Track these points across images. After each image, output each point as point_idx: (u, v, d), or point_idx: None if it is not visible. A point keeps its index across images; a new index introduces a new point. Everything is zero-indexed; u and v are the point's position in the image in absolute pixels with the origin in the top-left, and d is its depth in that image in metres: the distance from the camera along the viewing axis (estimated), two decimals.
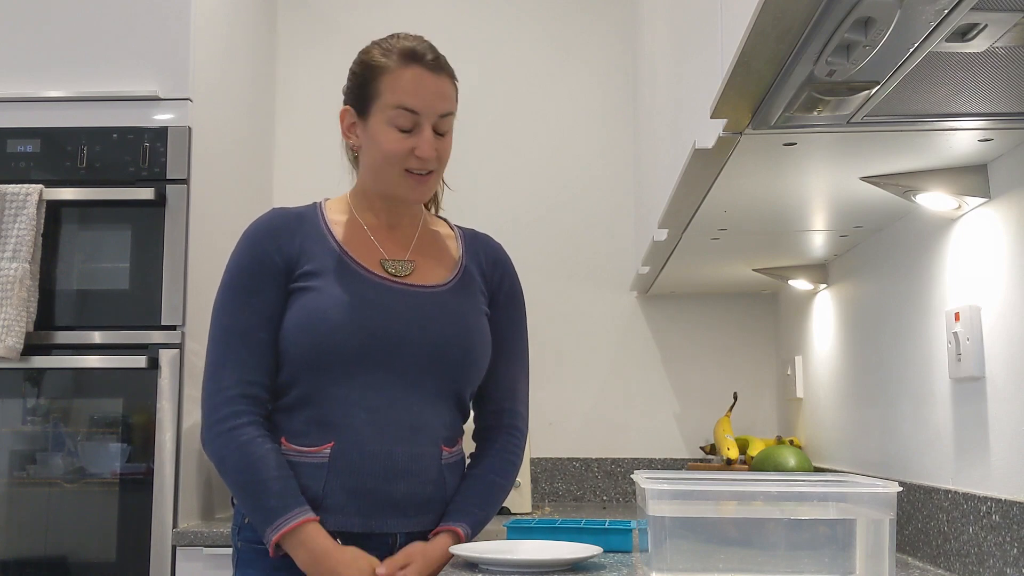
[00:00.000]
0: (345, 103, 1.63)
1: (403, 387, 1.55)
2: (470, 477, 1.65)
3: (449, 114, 1.59)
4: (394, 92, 1.55)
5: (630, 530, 1.71)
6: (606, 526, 1.74)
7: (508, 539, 1.72)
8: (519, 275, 1.77)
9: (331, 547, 1.48)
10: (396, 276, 1.60)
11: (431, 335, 1.56)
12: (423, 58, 1.57)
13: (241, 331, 1.54)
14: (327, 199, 1.69)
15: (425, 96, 1.56)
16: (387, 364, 1.54)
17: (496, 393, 1.70)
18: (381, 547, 1.54)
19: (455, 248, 1.71)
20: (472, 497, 1.61)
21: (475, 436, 1.72)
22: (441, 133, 1.59)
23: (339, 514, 1.52)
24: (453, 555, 1.55)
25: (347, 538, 1.51)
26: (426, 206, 1.74)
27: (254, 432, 1.52)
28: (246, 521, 1.55)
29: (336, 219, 1.63)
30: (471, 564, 1.52)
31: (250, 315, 1.55)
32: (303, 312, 1.53)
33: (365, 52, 1.61)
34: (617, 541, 1.71)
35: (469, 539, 1.58)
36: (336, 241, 1.60)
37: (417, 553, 1.53)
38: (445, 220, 1.77)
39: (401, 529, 1.56)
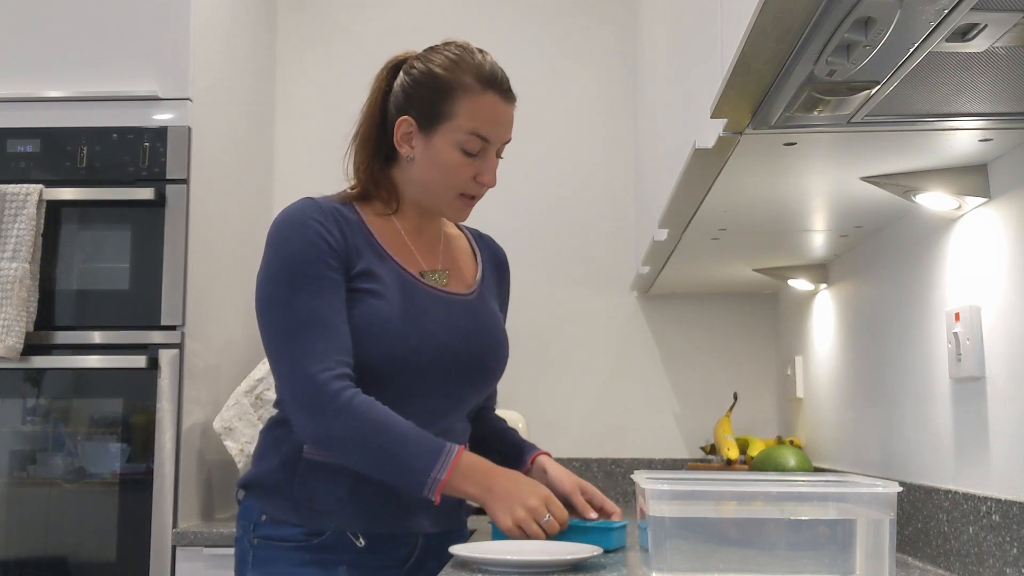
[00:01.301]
0: (403, 112, 1.55)
1: (442, 395, 1.56)
2: (503, 431, 1.75)
3: (509, 140, 1.60)
4: (471, 117, 1.51)
5: (624, 526, 1.70)
6: (604, 525, 1.74)
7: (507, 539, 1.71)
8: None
9: (492, 465, 1.48)
10: (438, 285, 1.59)
11: (474, 346, 1.58)
12: (501, 85, 1.54)
13: (324, 317, 1.45)
14: (349, 195, 1.63)
15: (500, 125, 1.55)
16: (432, 373, 1.53)
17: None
18: (403, 548, 1.55)
19: (470, 250, 1.72)
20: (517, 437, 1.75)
21: None
22: (499, 157, 1.60)
23: (365, 516, 1.51)
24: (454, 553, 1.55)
25: (372, 539, 1.51)
26: None
27: (367, 398, 1.45)
28: (263, 518, 1.52)
29: (373, 220, 1.58)
30: (471, 564, 1.52)
31: (329, 300, 1.47)
32: (369, 318, 1.49)
33: (428, 60, 1.55)
34: (614, 539, 1.70)
35: None
36: (380, 244, 1.56)
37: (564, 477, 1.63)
38: None
39: (424, 530, 1.56)
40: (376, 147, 1.59)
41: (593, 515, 1.58)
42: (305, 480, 1.50)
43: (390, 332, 1.48)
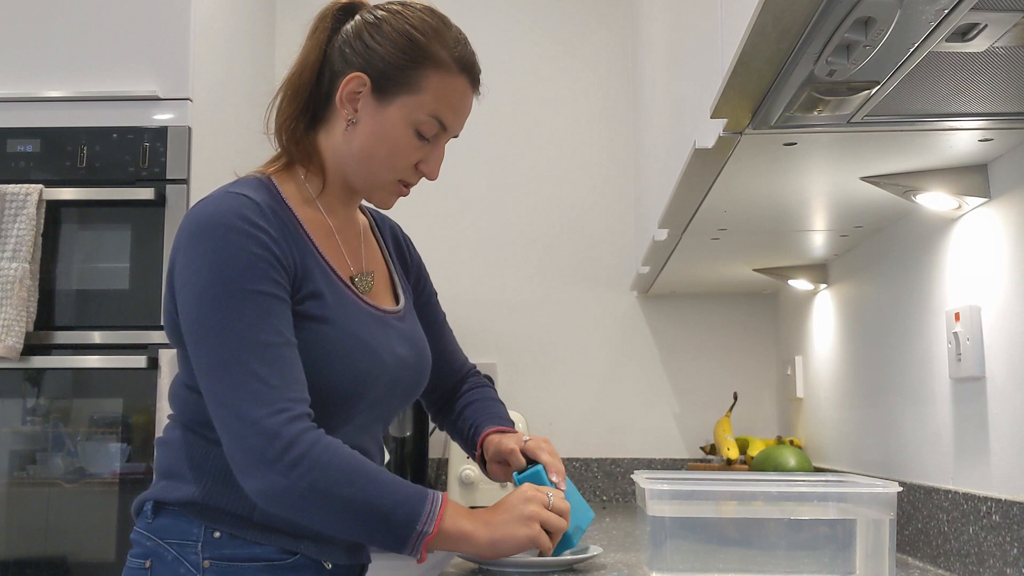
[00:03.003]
0: (355, 67, 1.33)
1: (374, 420, 1.39)
2: (481, 400, 1.57)
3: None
4: (439, 98, 1.33)
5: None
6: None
7: None
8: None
9: (479, 511, 1.27)
10: (363, 294, 1.37)
11: (412, 372, 1.41)
12: (474, 72, 1.38)
13: (273, 345, 1.20)
14: (269, 177, 1.35)
15: (463, 116, 1.38)
16: (376, 401, 1.35)
17: (454, 365, 1.62)
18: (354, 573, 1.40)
19: (375, 241, 1.51)
20: (498, 408, 1.57)
21: (439, 405, 1.63)
22: None
23: (323, 545, 1.30)
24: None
25: (337, 568, 1.34)
26: None
27: (333, 441, 1.21)
28: (216, 535, 1.26)
29: (304, 214, 1.34)
30: (471, 564, 1.51)
31: (277, 324, 1.21)
32: (322, 351, 1.27)
33: (401, 15, 1.33)
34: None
35: None
36: (320, 252, 1.33)
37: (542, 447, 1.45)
38: None
39: (369, 558, 1.41)
40: (305, 103, 1.37)
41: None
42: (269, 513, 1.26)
43: (343, 367, 1.28)
